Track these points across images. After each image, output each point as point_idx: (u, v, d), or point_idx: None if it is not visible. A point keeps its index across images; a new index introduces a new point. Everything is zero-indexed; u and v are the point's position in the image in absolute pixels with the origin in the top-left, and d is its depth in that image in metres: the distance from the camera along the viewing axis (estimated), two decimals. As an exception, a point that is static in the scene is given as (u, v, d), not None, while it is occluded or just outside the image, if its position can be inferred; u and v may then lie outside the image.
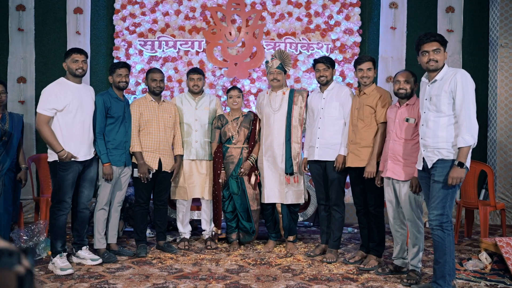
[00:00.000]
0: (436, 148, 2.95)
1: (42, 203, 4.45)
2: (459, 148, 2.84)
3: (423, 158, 3.04)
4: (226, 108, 5.31)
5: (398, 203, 3.46)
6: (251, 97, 5.52)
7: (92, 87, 5.34)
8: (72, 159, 3.49)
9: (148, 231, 4.65)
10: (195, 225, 5.00)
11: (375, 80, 3.76)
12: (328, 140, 3.87)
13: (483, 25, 5.69)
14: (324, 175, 3.94)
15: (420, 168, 3.08)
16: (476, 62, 5.65)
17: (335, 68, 4.10)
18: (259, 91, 5.51)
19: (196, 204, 4.58)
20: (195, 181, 4.25)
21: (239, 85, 5.50)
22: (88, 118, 3.64)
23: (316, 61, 4.01)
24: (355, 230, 5.01)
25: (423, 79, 3.15)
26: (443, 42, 3.03)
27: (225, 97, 5.44)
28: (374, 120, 3.66)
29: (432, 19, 5.68)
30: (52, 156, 3.53)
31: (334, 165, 3.81)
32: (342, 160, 3.79)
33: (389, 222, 3.55)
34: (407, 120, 3.35)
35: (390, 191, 3.48)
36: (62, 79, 3.61)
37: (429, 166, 2.98)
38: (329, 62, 3.97)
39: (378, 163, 3.59)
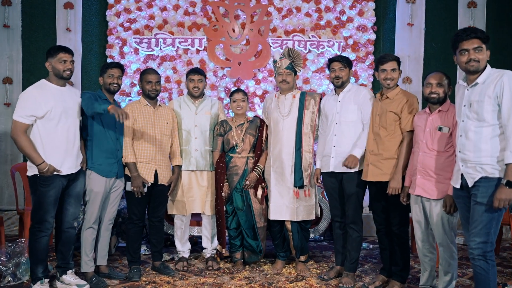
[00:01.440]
0: (478, 164, 2.51)
1: (27, 217, 4.02)
2: (506, 164, 2.41)
3: (462, 175, 2.60)
4: (229, 111, 4.89)
5: (427, 223, 3.03)
6: (256, 99, 5.08)
7: (84, 89, 4.97)
8: (55, 172, 3.06)
9: (144, 247, 4.22)
10: (195, 240, 4.57)
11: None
12: (345, 149, 3.43)
13: (507, 21, 5.25)
14: (340, 189, 3.50)
15: (458, 186, 2.64)
16: (500, 62, 5.17)
17: (352, 68, 3.66)
18: (265, 93, 5.08)
19: (196, 219, 4.14)
20: (195, 195, 3.81)
21: (243, 87, 5.08)
22: (74, 126, 3.21)
23: (331, 60, 3.58)
24: (371, 246, 4.57)
25: (461, 82, 2.71)
26: (485, 39, 2.60)
27: (228, 99, 5.03)
28: (398, 128, 3.22)
29: (452, 15, 5.24)
30: (31, 170, 3.10)
31: (345, 164, 3.35)
32: (353, 160, 3.32)
33: (416, 245, 3.12)
34: (439, 129, 2.91)
35: (418, 210, 3.04)
36: (43, 81, 3.18)
37: (470, 185, 2.54)
38: (345, 61, 3.54)
39: (403, 178, 3.16)
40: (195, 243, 4.53)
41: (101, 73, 3.52)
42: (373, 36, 5.11)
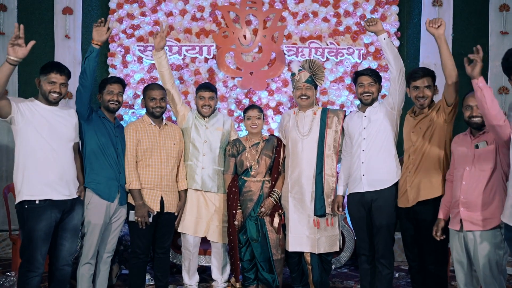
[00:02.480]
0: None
1: (19, 244, 3.66)
2: None
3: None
4: (240, 125, 4.51)
5: (471, 264, 2.64)
6: (270, 112, 4.69)
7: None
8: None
9: (148, 276, 3.85)
10: (203, 267, 4.18)
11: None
12: (376, 164, 3.06)
13: (544, 26, 4.84)
14: (368, 219, 3.12)
15: (513, 226, 2.25)
16: (534, 70, 4.78)
17: (381, 83, 3.28)
18: (279, 104, 4.69)
19: (203, 247, 3.75)
20: (201, 215, 3.45)
21: (255, 98, 4.69)
22: (65, 151, 2.84)
23: (358, 74, 3.21)
24: (397, 274, 4.15)
25: (517, 104, 2.32)
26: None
27: (239, 112, 4.65)
28: (436, 142, 2.89)
29: (483, 19, 4.83)
30: (20, 195, 2.74)
31: None
32: None
33: (459, 290, 2.73)
34: (476, 146, 2.56)
35: (460, 249, 2.65)
36: (31, 99, 2.85)
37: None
38: (375, 76, 3.18)
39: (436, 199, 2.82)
40: (204, 270, 4.16)
41: (99, 89, 3.17)
42: (396, 43, 4.70)
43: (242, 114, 3.64)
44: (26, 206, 2.70)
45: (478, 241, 2.55)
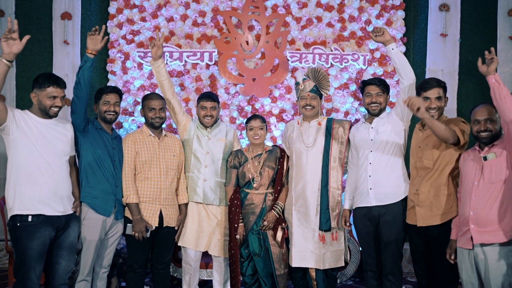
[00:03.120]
0: None
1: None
2: None
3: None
4: (242, 132, 4.41)
5: (481, 285, 2.52)
6: (272, 119, 4.58)
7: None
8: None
9: (147, 290, 3.76)
10: (204, 281, 4.07)
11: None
12: (384, 178, 2.96)
13: (553, 31, 4.71)
14: (376, 234, 3.01)
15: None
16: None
17: (389, 93, 3.17)
18: (282, 112, 4.58)
19: (205, 260, 3.64)
20: (203, 229, 3.34)
21: (258, 105, 4.58)
22: (59, 162, 2.73)
23: (366, 83, 3.11)
24: (403, 288, 4.05)
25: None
26: None
27: (241, 119, 4.55)
28: (445, 160, 2.77)
29: (491, 24, 4.70)
30: (11, 210, 2.63)
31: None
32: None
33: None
34: (484, 158, 2.46)
35: (469, 269, 2.54)
36: (26, 112, 2.73)
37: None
38: (383, 85, 3.08)
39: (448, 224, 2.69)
40: (204, 282, 4.05)
41: (95, 99, 3.07)
42: (402, 48, 4.59)
43: (244, 123, 3.53)
44: (18, 224, 2.59)
45: (489, 262, 2.44)
